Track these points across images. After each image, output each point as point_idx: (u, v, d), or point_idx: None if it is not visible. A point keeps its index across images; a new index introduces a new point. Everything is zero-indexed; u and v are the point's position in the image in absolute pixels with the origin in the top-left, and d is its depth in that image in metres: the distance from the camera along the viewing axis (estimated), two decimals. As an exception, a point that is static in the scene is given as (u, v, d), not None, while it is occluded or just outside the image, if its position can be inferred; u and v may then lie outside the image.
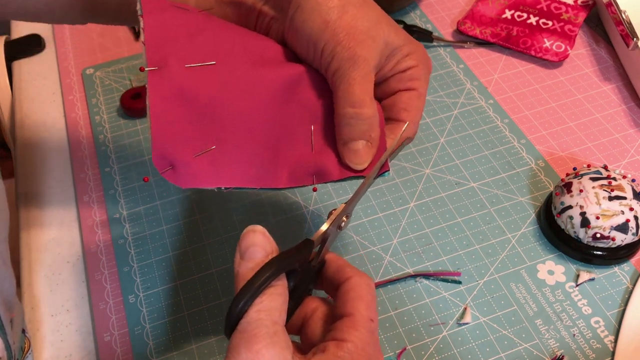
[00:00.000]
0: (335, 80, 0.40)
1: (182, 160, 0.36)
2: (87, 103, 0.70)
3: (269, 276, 0.32)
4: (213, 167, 0.38)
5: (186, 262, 0.55)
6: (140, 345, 0.50)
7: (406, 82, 0.42)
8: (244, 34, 0.42)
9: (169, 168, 0.36)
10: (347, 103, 0.39)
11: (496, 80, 0.70)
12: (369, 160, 0.40)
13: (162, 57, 0.38)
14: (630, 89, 0.68)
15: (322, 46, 0.39)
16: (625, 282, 0.52)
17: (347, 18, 0.39)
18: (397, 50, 0.41)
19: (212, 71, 0.39)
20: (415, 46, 0.42)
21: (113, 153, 0.65)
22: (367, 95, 0.39)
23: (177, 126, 0.37)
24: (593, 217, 0.51)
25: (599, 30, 0.76)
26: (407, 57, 0.42)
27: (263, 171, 0.40)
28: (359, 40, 0.39)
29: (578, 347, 0.49)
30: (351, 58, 0.39)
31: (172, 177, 0.36)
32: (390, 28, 0.41)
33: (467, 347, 0.49)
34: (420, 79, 0.42)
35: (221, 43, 0.40)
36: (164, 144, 0.36)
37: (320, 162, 0.41)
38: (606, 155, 0.62)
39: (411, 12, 0.80)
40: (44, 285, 0.55)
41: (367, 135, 0.39)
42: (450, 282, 0.53)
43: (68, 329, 0.52)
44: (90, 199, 0.61)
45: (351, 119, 0.39)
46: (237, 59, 0.40)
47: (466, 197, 0.59)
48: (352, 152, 0.40)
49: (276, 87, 0.40)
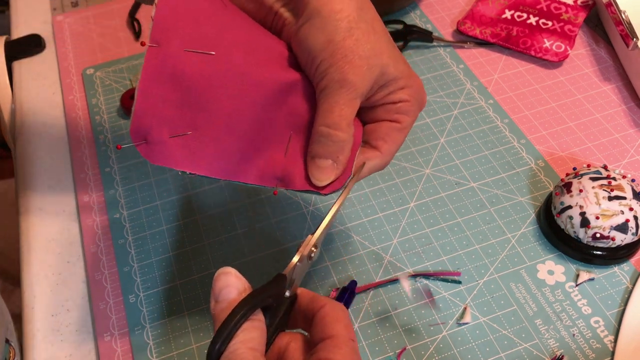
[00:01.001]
0: (320, 98, 0.41)
1: (157, 137, 0.38)
2: (88, 103, 0.70)
3: (244, 313, 0.33)
4: (185, 151, 0.39)
5: (186, 262, 0.55)
6: (140, 345, 0.50)
7: (393, 114, 0.43)
8: (254, 30, 0.43)
9: (143, 142, 0.38)
10: (324, 122, 0.40)
11: (496, 80, 0.70)
12: (331, 179, 0.41)
13: (166, 37, 0.39)
14: (630, 89, 0.69)
15: (319, 63, 0.40)
16: (625, 282, 0.52)
17: (350, 41, 0.40)
18: (392, 81, 0.42)
19: (210, 61, 0.40)
20: (412, 80, 0.43)
21: (113, 153, 0.65)
22: (344, 120, 0.40)
23: (160, 105, 0.38)
24: (593, 217, 0.51)
25: (599, 30, 0.76)
26: (400, 91, 0.42)
27: (232, 165, 0.41)
28: (354, 66, 0.40)
29: (578, 347, 0.49)
30: (340, 81, 0.40)
31: (145, 151, 0.38)
32: (391, 58, 0.42)
33: (467, 347, 0.49)
34: (409, 114, 0.43)
35: (228, 36, 0.41)
36: (144, 118, 0.38)
37: (288, 169, 0.42)
38: (606, 155, 0.62)
39: (411, 12, 0.80)
40: (44, 285, 0.55)
41: (335, 156, 0.41)
42: (450, 282, 0.53)
43: (68, 329, 0.52)
44: (90, 199, 0.61)
45: (323, 137, 0.40)
46: (238, 54, 0.41)
47: (466, 197, 0.59)
48: (316, 168, 0.41)
49: (269, 89, 0.41)
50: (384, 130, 0.43)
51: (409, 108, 0.43)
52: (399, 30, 0.76)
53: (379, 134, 0.43)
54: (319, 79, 0.41)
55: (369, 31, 0.41)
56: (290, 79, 0.42)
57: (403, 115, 0.43)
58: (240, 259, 0.55)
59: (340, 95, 0.40)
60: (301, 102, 0.43)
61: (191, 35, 0.40)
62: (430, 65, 0.73)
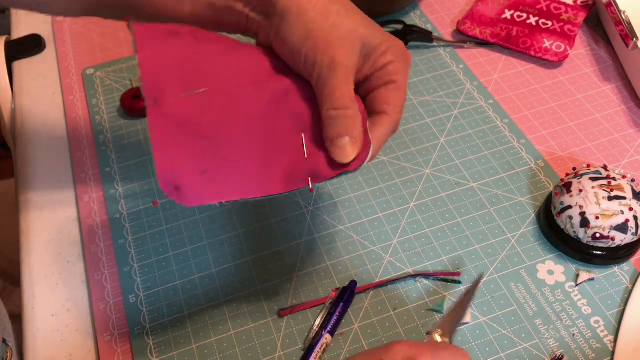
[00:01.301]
0: (318, 86, 0.43)
1: (184, 182, 0.39)
2: (88, 103, 0.70)
3: None
4: (213, 185, 0.40)
5: (186, 262, 0.55)
6: (140, 345, 0.50)
7: (386, 78, 0.44)
8: (233, 50, 0.45)
9: (174, 190, 0.39)
10: (330, 106, 0.42)
11: (496, 80, 0.71)
12: (355, 154, 0.42)
13: (159, 90, 0.41)
14: (629, 89, 0.69)
15: (304, 56, 0.42)
16: (624, 282, 0.52)
17: (327, 26, 0.42)
18: (375, 48, 0.43)
19: (205, 95, 0.42)
20: (392, 42, 0.44)
21: (113, 153, 0.65)
22: (347, 97, 0.42)
23: (177, 152, 0.40)
24: (593, 217, 0.51)
25: (599, 30, 0.76)
26: (384, 54, 0.44)
27: (260, 181, 0.42)
28: (338, 46, 0.42)
29: (578, 347, 0.49)
30: (330, 65, 0.42)
31: (179, 198, 0.39)
32: (368, 29, 0.43)
33: (467, 347, 0.49)
34: (399, 72, 0.44)
35: (213, 65, 0.43)
36: (166, 170, 0.39)
37: (313, 165, 0.43)
38: (606, 155, 0.62)
39: (411, 12, 0.80)
40: (45, 285, 0.55)
41: (350, 132, 0.42)
42: (450, 282, 0.53)
43: (68, 329, 0.53)
44: (90, 199, 0.61)
45: (333, 119, 0.42)
46: (228, 80, 0.43)
47: (466, 197, 0.59)
48: (337, 148, 0.42)
49: (266, 101, 0.43)
50: (383, 95, 0.44)
51: (398, 67, 0.44)
52: (399, 30, 0.76)
53: (381, 99, 0.44)
54: (310, 70, 0.42)
55: (342, 11, 0.43)
56: (283, 84, 0.44)
57: (395, 75, 0.44)
58: (240, 259, 0.55)
59: (335, 78, 0.42)
60: (300, 101, 0.44)
61: (180, 80, 0.42)
62: (430, 65, 0.73)
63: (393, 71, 0.44)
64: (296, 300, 0.52)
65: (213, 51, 0.44)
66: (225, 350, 0.50)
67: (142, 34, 0.42)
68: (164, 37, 0.43)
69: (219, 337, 0.51)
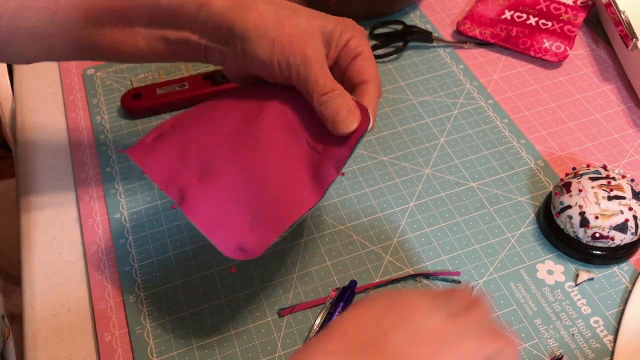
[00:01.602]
0: (300, 84, 0.45)
1: (246, 241, 0.43)
2: (88, 103, 0.70)
3: None
4: (267, 229, 0.43)
5: (186, 262, 0.55)
6: (140, 345, 0.50)
7: (352, 53, 0.47)
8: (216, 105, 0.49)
9: (241, 251, 0.42)
10: (318, 95, 0.45)
11: (496, 80, 0.71)
12: (357, 121, 0.45)
13: (178, 188, 0.45)
14: (629, 89, 0.69)
15: (277, 63, 0.45)
16: (624, 282, 0.52)
17: (285, 31, 0.45)
18: (332, 33, 0.46)
19: (217, 165, 0.46)
20: (344, 22, 0.47)
21: (114, 153, 0.65)
22: (330, 82, 0.45)
23: (228, 225, 0.44)
24: (592, 217, 0.52)
25: (599, 30, 0.76)
26: (342, 34, 0.47)
27: (300, 200, 0.45)
28: (303, 43, 0.45)
29: (577, 347, 0.49)
30: (303, 62, 0.45)
31: (248, 255, 0.42)
32: (320, 19, 0.46)
33: (467, 347, 0.49)
34: (361, 44, 0.47)
35: (207, 133, 0.47)
36: (229, 246, 0.43)
37: (330, 155, 0.45)
38: (605, 155, 0.62)
39: (411, 12, 0.80)
40: (45, 285, 0.56)
41: (345, 106, 0.45)
42: (450, 282, 0.53)
43: (69, 329, 0.53)
44: (91, 198, 0.61)
45: (326, 103, 0.45)
46: (228, 135, 0.47)
47: (466, 197, 0.59)
48: (340, 123, 0.45)
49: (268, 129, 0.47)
50: (356, 67, 0.47)
51: (358, 40, 0.47)
52: (399, 30, 0.76)
53: (357, 71, 0.47)
54: (287, 74, 0.45)
55: (291, 13, 0.45)
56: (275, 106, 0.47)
57: (359, 48, 0.47)
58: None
59: (312, 69, 0.44)
60: (294, 114, 0.47)
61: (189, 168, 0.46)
62: (430, 65, 0.73)
63: (355, 45, 0.47)
64: (296, 300, 0.53)
65: (198, 122, 0.48)
66: (225, 350, 0.50)
67: (137, 154, 0.47)
68: (154, 145, 0.47)
69: (219, 337, 0.51)
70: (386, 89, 0.70)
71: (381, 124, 0.66)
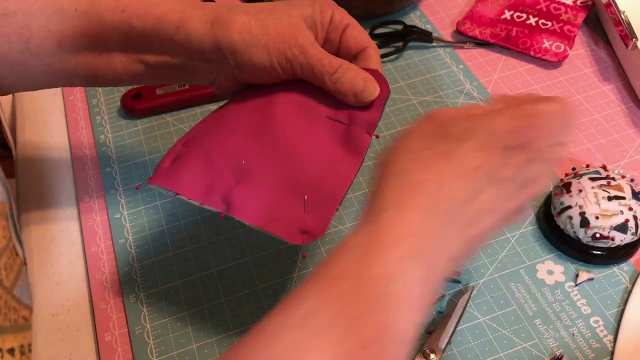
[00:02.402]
0: (306, 74, 0.46)
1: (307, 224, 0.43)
2: (88, 103, 0.70)
3: None
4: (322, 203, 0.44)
5: (186, 262, 0.55)
6: (140, 345, 0.50)
7: (339, 27, 0.48)
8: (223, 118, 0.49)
9: (305, 235, 0.43)
10: (329, 75, 0.45)
11: (496, 80, 0.71)
12: (377, 87, 0.46)
13: (220, 198, 0.44)
14: (629, 89, 0.69)
15: (278, 63, 0.45)
16: (624, 282, 0.52)
17: (272, 32, 0.45)
18: (313, 15, 0.47)
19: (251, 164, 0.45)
20: (321, 2, 0.48)
21: (114, 153, 0.65)
22: (334, 60, 0.45)
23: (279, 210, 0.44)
24: (592, 217, 0.52)
25: (598, 30, 0.76)
26: (322, 12, 0.48)
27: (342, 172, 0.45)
28: (293, 35, 0.45)
29: (577, 347, 0.49)
30: (301, 51, 0.45)
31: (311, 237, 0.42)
32: (297, 8, 0.47)
33: (467, 347, 0.49)
34: (343, 17, 0.49)
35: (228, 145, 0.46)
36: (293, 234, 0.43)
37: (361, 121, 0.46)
38: (605, 156, 0.62)
39: (411, 12, 0.80)
40: (45, 285, 0.56)
41: (359, 76, 0.45)
42: (450, 282, 0.53)
43: (69, 329, 0.53)
44: (91, 199, 0.61)
45: (340, 79, 0.45)
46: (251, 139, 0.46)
47: (466, 197, 0.59)
48: (363, 93, 0.45)
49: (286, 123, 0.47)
50: (349, 37, 0.48)
51: (339, 13, 0.49)
52: (399, 30, 0.76)
53: (352, 41, 0.49)
54: (290, 69, 0.46)
55: (271, 13, 0.46)
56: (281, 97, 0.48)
57: (344, 20, 0.49)
58: (240, 258, 0.56)
59: (313, 55, 0.45)
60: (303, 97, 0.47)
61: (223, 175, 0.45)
62: (430, 65, 0.73)
63: (339, 18, 0.48)
64: (296, 300, 0.53)
65: (211, 133, 0.48)
66: (225, 350, 0.50)
67: (162, 181, 0.46)
68: (176, 168, 0.46)
69: (219, 337, 0.51)
70: (386, 89, 0.70)
71: (381, 124, 0.66)
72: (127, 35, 0.46)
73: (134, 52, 0.48)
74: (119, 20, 0.46)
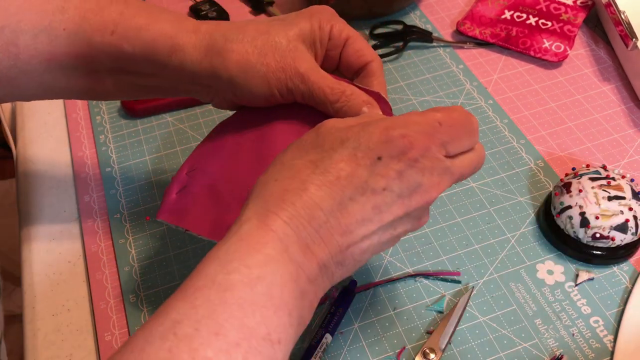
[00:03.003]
0: (308, 101, 0.45)
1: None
2: (88, 103, 0.70)
3: None
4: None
5: (186, 262, 0.56)
6: (140, 345, 0.50)
7: (339, 41, 0.47)
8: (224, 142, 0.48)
9: None
10: (331, 104, 0.44)
11: (496, 80, 0.71)
12: (379, 111, 0.44)
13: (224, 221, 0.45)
14: (629, 89, 0.69)
15: (277, 93, 0.45)
16: (624, 282, 0.52)
17: (271, 61, 0.44)
18: (311, 33, 0.46)
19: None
20: (317, 13, 0.46)
21: (114, 153, 0.65)
22: (334, 85, 0.44)
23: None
24: (592, 217, 0.52)
25: (598, 30, 0.76)
26: (321, 28, 0.46)
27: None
28: (292, 63, 0.44)
29: (577, 347, 0.49)
30: (302, 80, 0.44)
31: None
32: (294, 26, 0.45)
33: (467, 347, 0.49)
34: (342, 29, 0.46)
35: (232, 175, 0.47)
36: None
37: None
38: (605, 156, 0.62)
39: (411, 12, 0.80)
40: (45, 285, 0.56)
41: (362, 103, 0.44)
42: (450, 282, 0.53)
43: (69, 329, 0.53)
44: (91, 199, 0.61)
45: (343, 107, 0.44)
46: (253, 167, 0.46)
47: (466, 197, 0.59)
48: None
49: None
50: (351, 52, 0.47)
51: (339, 26, 0.46)
52: (399, 30, 0.76)
53: (353, 57, 0.47)
54: (292, 98, 0.45)
55: (268, 38, 0.44)
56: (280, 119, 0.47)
57: (342, 33, 0.46)
58: (240, 258, 0.56)
59: (313, 84, 0.44)
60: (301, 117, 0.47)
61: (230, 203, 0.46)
62: (430, 65, 0.73)
63: (338, 32, 0.46)
64: (296, 300, 0.53)
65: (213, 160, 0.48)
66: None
67: (170, 216, 0.46)
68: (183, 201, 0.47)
69: (219, 336, 0.51)
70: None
71: (381, 124, 0.66)
72: (118, 59, 0.45)
73: (125, 75, 0.47)
74: (109, 43, 0.44)
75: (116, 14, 0.44)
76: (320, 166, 0.35)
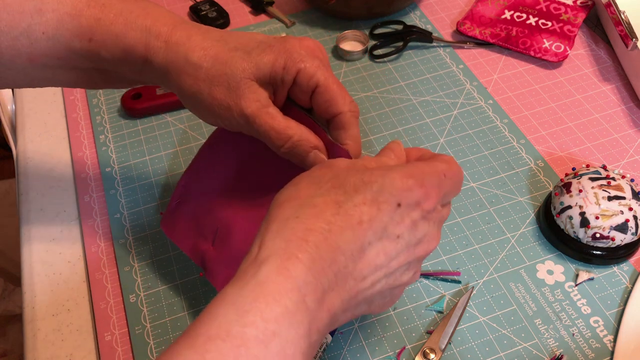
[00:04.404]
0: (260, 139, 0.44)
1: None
2: (88, 103, 0.71)
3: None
4: None
5: (186, 262, 0.55)
6: (140, 345, 0.50)
7: (306, 89, 0.43)
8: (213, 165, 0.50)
9: None
10: (278, 147, 0.43)
11: (496, 80, 0.71)
12: (326, 158, 0.44)
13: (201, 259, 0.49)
14: (629, 89, 0.69)
15: (227, 126, 0.44)
16: (624, 282, 0.52)
17: (217, 92, 0.42)
18: (271, 74, 0.42)
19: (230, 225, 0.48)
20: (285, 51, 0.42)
21: (114, 153, 0.65)
22: (282, 129, 0.42)
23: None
24: (592, 217, 0.52)
25: (598, 30, 0.76)
26: (286, 70, 0.42)
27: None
28: (238, 102, 0.42)
29: (577, 347, 0.49)
30: (247, 122, 0.43)
31: None
32: (253, 61, 0.42)
33: (467, 347, 0.49)
34: (312, 74, 0.42)
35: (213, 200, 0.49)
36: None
37: None
38: (605, 156, 0.62)
39: (411, 12, 0.80)
40: (45, 285, 0.56)
41: (309, 150, 0.43)
42: (450, 282, 0.53)
43: (69, 329, 0.53)
44: (91, 198, 0.61)
45: (290, 151, 0.43)
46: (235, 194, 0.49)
47: (466, 197, 0.59)
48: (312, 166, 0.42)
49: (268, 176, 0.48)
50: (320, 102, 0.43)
51: (308, 71, 0.42)
52: (399, 30, 0.76)
53: (322, 108, 0.44)
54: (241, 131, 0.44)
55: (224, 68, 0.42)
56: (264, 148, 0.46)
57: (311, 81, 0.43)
58: (240, 258, 0.56)
59: (259, 127, 0.42)
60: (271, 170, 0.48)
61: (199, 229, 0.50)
62: (430, 65, 0.73)
63: (306, 79, 0.43)
64: (296, 300, 0.53)
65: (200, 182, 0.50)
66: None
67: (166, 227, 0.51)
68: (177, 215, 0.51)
69: (219, 336, 0.51)
70: (386, 89, 0.70)
71: (381, 124, 0.66)
72: (99, 62, 0.46)
73: (110, 72, 0.47)
74: (87, 49, 0.44)
75: (93, 20, 0.44)
76: (343, 206, 0.34)
